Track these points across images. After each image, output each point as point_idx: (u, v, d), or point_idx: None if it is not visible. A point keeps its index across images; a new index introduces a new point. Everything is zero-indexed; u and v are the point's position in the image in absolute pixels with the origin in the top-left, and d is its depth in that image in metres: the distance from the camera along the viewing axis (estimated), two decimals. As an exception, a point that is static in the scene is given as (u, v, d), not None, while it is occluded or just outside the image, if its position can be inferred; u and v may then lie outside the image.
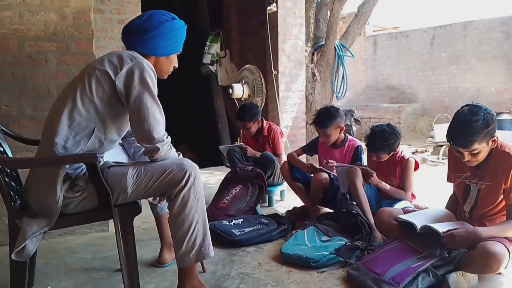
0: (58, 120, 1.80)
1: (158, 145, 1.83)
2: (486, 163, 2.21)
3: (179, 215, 1.86)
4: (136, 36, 1.93)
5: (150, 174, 1.85)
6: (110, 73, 1.80)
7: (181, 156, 2.01)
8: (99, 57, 1.91)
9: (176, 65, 2.09)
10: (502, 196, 2.20)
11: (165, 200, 2.21)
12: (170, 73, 2.10)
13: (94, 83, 1.81)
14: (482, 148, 2.12)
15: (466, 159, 2.17)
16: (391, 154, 3.02)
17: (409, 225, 2.32)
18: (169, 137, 1.89)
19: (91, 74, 1.82)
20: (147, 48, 1.94)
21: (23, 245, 1.72)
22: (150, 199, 2.25)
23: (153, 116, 1.81)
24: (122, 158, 2.27)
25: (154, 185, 1.85)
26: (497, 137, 2.15)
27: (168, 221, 1.96)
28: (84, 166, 1.86)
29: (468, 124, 2.08)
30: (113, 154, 2.11)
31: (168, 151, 1.89)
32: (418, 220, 2.32)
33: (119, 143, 2.27)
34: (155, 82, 1.87)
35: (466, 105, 2.18)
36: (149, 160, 1.92)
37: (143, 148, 1.91)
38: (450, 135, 2.16)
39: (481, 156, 2.16)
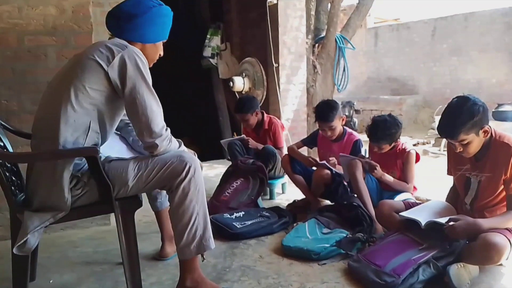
0: (53, 117, 1.76)
1: (156, 141, 1.81)
2: (486, 154, 2.21)
3: (180, 207, 1.87)
4: (124, 21, 1.90)
5: (151, 168, 1.85)
6: (102, 63, 1.76)
7: (182, 144, 2.00)
8: (88, 48, 1.86)
9: (162, 54, 2.06)
10: (502, 187, 2.19)
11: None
12: (155, 61, 2.06)
13: (86, 75, 1.76)
14: (472, 139, 2.12)
15: (458, 150, 2.18)
16: (392, 145, 3.02)
17: (413, 222, 2.31)
18: (169, 129, 1.88)
19: (83, 67, 1.77)
20: (134, 34, 1.92)
21: (25, 239, 1.72)
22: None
23: (150, 109, 1.79)
24: (121, 147, 2.25)
25: (155, 178, 1.85)
26: (489, 128, 2.15)
27: (168, 213, 1.96)
28: (86, 162, 1.85)
29: (454, 115, 2.10)
30: (112, 145, 2.09)
31: (167, 146, 1.87)
32: (421, 216, 2.31)
33: (117, 133, 2.27)
34: (148, 69, 1.84)
35: (455, 97, 2.18)
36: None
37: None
38: (439, 127, 2.20)
39: (474, 147, 2.16)
